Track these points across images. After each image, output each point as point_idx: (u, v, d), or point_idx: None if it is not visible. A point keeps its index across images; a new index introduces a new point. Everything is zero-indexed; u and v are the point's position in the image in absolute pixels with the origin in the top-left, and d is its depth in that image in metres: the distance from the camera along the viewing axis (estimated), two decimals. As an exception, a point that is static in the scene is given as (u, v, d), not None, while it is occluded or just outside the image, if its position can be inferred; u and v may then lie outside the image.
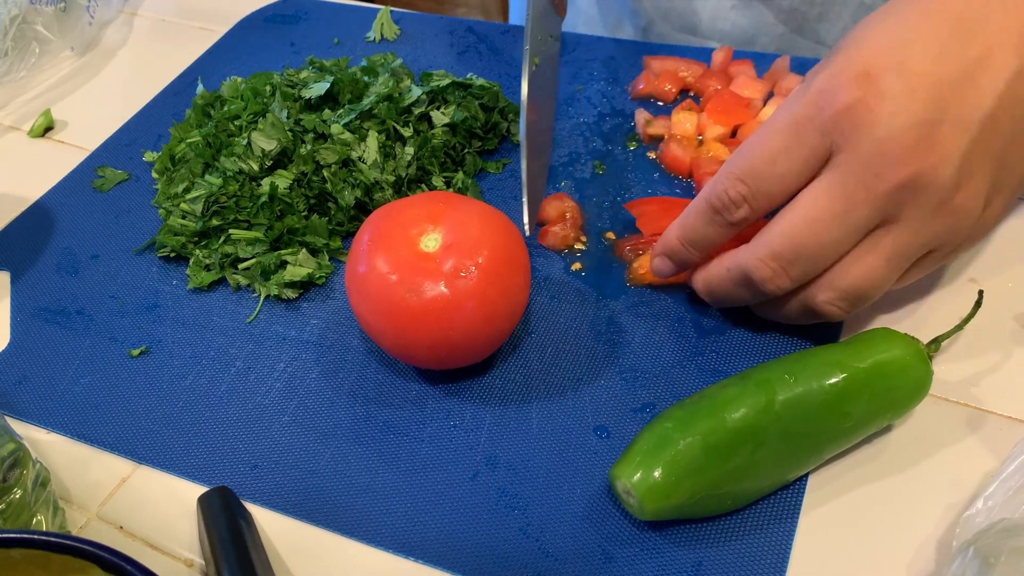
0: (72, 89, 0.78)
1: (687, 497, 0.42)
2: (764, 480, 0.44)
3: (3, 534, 0.35)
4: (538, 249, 0.59)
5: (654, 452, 0.43)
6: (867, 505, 0.45)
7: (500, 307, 0.48)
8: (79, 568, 0.35)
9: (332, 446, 0.50)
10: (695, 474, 0.42)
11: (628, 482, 0.43)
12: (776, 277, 0.47)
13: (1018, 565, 0.37)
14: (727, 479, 0.43)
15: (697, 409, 0.44)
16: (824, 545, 0.44)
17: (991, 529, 0.39)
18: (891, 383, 0.45)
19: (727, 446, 0.43)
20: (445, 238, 0.48)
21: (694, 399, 0.45)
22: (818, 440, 0.45)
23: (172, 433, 0.51)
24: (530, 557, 0.44)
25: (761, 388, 0.44)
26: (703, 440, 0.43)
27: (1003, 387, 0.50)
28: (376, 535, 0.46)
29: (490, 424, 0.50)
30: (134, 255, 0.62)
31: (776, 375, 0.45)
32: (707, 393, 0.45)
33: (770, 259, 0.46)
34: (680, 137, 0.63)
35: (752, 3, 0.76)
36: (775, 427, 0.43)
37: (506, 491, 0.47)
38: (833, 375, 0.44)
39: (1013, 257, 0.56)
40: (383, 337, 0.49)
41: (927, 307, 0.54)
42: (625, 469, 0.43)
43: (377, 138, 0.61)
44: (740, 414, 0.43)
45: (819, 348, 0.47)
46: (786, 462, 0.44)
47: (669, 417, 0.44)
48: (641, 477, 0.42)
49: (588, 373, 0.52)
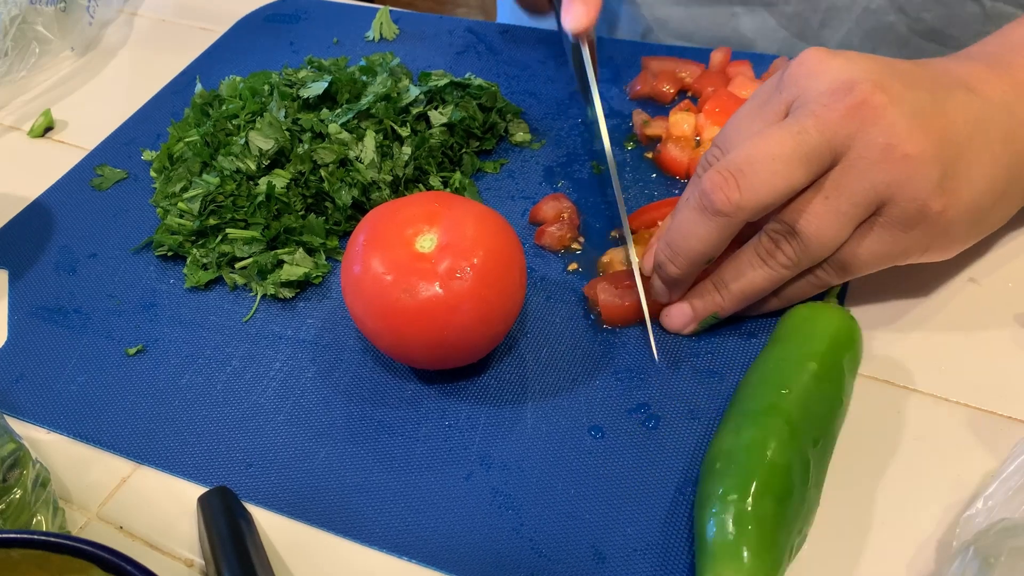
0: (72, 89, 0.79)
1: (784, 553, 0.41)
2: (817, 495, 0.44)
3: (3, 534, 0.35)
4: (535, 249, 0.59)
5: (740, 532, 0.40)
6: (867, 505, 0.45)
7: (496, 308, 0.48)
8: (79, 568, 0.35)
9: (327, 445, 0.50)
10: (781, 529, 0.41)
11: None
12: (725, 183, 0.46)
13: (1018, 565, 0.37)
14: (799, 516, 0.42)
15: (743, 469, 0.42)
16: (824, 545, 0.44)
17: (991, 529, 0.39)
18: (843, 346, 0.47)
19: (787, 486, 0.41)
20: (441, 238, 0.48)
21: (721, 460, 0.43)
22: (831, 429, 0.45)
23: (168, 432, 0.51)
24: (523, 557, 0.44)
25: (773, 415, 0.44)
26: (770, 495, 0.41)
27: (1003, 387, 0.49)
28: (370, 535, 0.46)
29: (485, 424, 0.50)
30: (132, 254, 0.62)
31: (774, 396, 0.45)
32: (725, 448, 0.43)
33: (722, 167, 0.47)
34: (678, 138, 0.63)
35: (755, 9, 0.76)
36: (804, 442, 0.43)
37: (500, 491, 0.47)
38: (810, 368, 0.45)
39: (1013, 257, 0.56)
40: (379, 337, 0.49)
41: (927, 307, 0.54)
42: (725, 566, 0.40)
43: (375, 138, 0.61)
44: (777, 450, 0.42)
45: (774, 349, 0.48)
46: (822, 466, 0.45)
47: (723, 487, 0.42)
48: (748, 563, 0.39)
49: (583, 373, 0.52)
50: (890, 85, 0.46)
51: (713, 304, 0.51)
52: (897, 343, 0.52)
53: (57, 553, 0.35)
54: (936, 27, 0.71)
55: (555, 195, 0.61)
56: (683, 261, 0.49)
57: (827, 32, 0.75)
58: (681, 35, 0.80)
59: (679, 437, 0.48)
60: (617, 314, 0.54)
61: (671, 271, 0.50)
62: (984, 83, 0.49)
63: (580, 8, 0.60)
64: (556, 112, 0.69)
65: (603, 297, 0.54)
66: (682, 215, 0.49)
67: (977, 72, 0.50)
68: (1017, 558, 0.37)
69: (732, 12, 0.77)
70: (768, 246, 0.49)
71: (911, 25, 0.72)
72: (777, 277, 0.49)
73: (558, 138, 0.67)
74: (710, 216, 0.47)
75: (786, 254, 0.48)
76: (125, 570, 0.35)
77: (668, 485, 0.46)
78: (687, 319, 0.52)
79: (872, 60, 0.47)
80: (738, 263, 0.50)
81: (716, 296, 0.51)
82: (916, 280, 0.55)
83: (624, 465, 0.48)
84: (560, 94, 0.71)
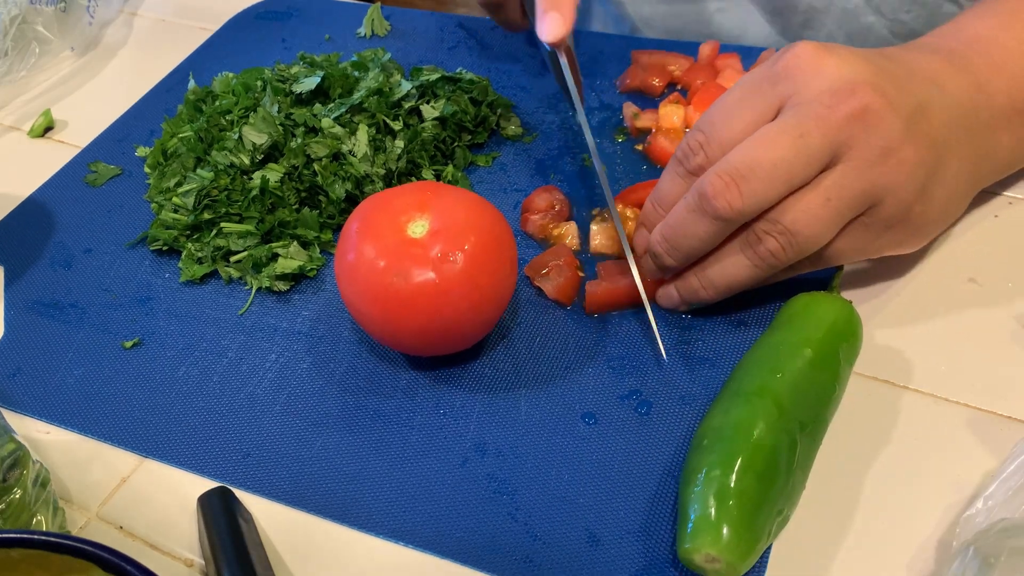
0: (72, 89, 0.79)
1: (764, 532, 0.41)
2: (803, 479, 0.44)
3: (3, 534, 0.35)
4: (527, 240, 0.60)
5: (720, 507, 0.41)
6: (867, 505, 0.45)
7: (487, 292, 0.49)
8: (79, 568, 0.35)
9: (323, 435, 0.50)
10: (762, 508, 0.41)
11: (713, 551, 0.40)
12: (727, 189, 0.46)
13: (1018, 565, 0.37)
14: (781, 496, 0.42)
15: (728, 446, 0.43)
16: (824, 545, 0.44)
17: (991, 529, 0.39)
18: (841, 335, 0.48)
19: (771, 466, 0.42)
20: (432, 224, 0.48)
21: (708, 437, 0.44)
22: (823, 415, 0.46)
23: (165, 423, 0.52)
24: (518, 541, 0.45)
25: (763, 396, 0.44)
26: (753, 472, 0.41)
27: (1003, 387, 0.49)
28: (366, 521, 0.47)
29: (479, 412, 0.51)
30: (127, 249, 0.62)
31: (766, 378, 0.45)
32: (714, 426, 0.44)
33: (723, 173, 0.47)
34: (667, 130, 0.64)
35: (740, 2, 0.77)
36: (793, 425, 0.44)
37: (495, 477, 0.48)
38: (805, 354, 0.46)
39: (1013, 257, 0.56)
40: (372, 323, 0.50)
41: (927, 307, 0.54)
42: (703, 539, 0.40)
43: (367, 132, 0.62)
44: (765, 430, 0.43)
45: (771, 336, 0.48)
46: (810, 451, 0.45)
47: (707, 464, 0.42)
48: (726, 538, 0.40)
49: (576, 361, 0.52)
50: (885, 88, 0.47)
51: (696, 297, 0.52)
52: (897, 343, 0.52)
53: (57, 553, 0.35)
54: (916, 28, 0.72)
55: (547, 187, 0.62)
56: (680, 255, 0.50)
57: (809, 34, 0.76)
58: (666, 34, 0.81)
59: (671, 422, 0.49)
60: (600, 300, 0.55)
61: (667, 262, 0.51)
62: (949, 81, 0.50)
63: (555, 18, 0.58)
64: (548, 106, 0.70)
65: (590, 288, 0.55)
66: (681, 214, 0.49)
67: (941, 69, 0.51)
68: (1017, 558, 0.37)
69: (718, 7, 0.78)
70: (756, 244, 0.48)
71: (891, 27, 0.73)
72: (762, 274, 0.49)
73: (550, 131, 0.68)
74: (711, 219, 0.47)
75: (774, 252, 0.48)
76: (125, 570, 0.35)
77: (660, 469, 0.47)
78: (675, 302, 0.53)
79: (863, 59, 0.48)
80: (722, 261, 0.50)
81: (701, 291, 0.51)
82: (916, 280, 0.55)
83: (617, 450, 0.48)
84: (551, 88, 0.71)
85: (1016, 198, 0.59)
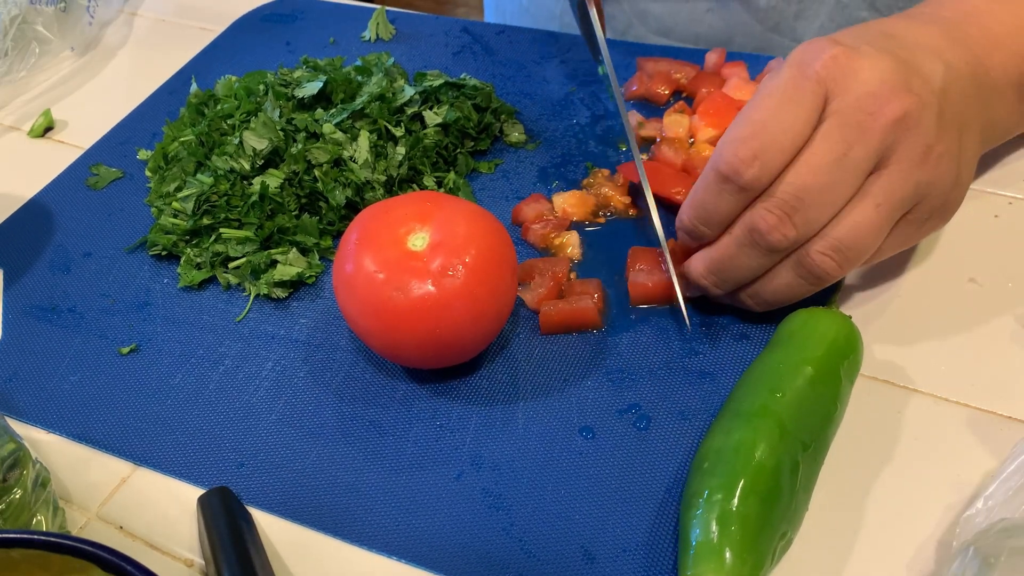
0: (72, 89, 0.79)
1: (768, 556, 0.41)
2: (806, 499, 0.44)
3: (3, 534, 0.35)
4: (528, 249, 0.59)
5: (723, 532, 0.40)
6: (867, 505, 0.45)
7: (487, 306, 0.48)
8: (79, 568, 0.35)
9: (319, 445, 0.50)
10: (765, 531, 0.41)
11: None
12: (781, 224, 0.46)
13: (1018, 565, 0.37)
14: (784, 519, 0.42)
15: (730, 469, 0.42)
16: (823, 544, 0.44)
17: (991, 529, 0.39)
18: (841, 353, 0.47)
19: (774, 489, 0.41)
20: (433, 237, 0.48)
21: (709, 459, 0.43)
22: (824, 435, 0.45)
23: (160, 431, 0.51)
24: (512, 557, 0.44)
25: (765, 417, 0.44)
26: (755, 496, 0.41)
27: (1003, 387, 0.49)
28: (360, 534, 0.46)
29: (476, 424, 0.50)
30: (126, 253, 0.62)
31: (767, 398, 0.45)
32: (715, 447, 0.44)
33: (774, 207, 0.46)
34: (672, 139, 0.63)
35: (729, 3, 0.76)
36: (795, 446, 0.43)
37: (490, 491, 0.47)
38: (806, 372, 0.45)
39: (1013, 257, 0.56)
40: (371, 336, 0.49)
41: (928, 307, 0.54)
42: (706, 565, 0.39)
43: (368, 138, 0.61)
44: (767, 452, 0.42)
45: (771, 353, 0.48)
46: (812, 471, 0.44)
47: (708, 487, 0.42)
48: (729, 563, 0.39)
49: (575, 374, 0.52)
50: (914, 83, 0.47)
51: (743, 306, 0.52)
52: (897, 343, 0.52)
53: (57, 553, 0.35)
54: None
55: (535, 196, 0.61)
56: (729, 286, 0.51)
57: (801, 24, 0.76)
58: (661, 29, 0.80)
59: (670, 438, 0.48)
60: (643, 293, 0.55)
61: (714, 293, 0.52)
62: (949, 53, 0.50)
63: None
64: (551, 113, 0.69)
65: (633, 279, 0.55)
66: (730, 249, 0.49)
67: (939, 42, 0.50)
68: (1017, 558, 0.37)
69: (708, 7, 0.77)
70: (809, 264, 0.48)
71: None
72: (814, 289, 0.49)
73: (553, 139, 0.67)
74: (763, 252, 0.48)
75: (829, 270, 0.47)
76: (125, 570, 0.35)
77: (658, 486, 0.46)
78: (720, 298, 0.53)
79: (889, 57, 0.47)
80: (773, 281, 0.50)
81: (748, 302, 0.52)
82: (916, 280, 0.55)
83: (614, 466, 0.48)
84: (555, 95, 0.71)
85: (1016, 198, 0.59)
